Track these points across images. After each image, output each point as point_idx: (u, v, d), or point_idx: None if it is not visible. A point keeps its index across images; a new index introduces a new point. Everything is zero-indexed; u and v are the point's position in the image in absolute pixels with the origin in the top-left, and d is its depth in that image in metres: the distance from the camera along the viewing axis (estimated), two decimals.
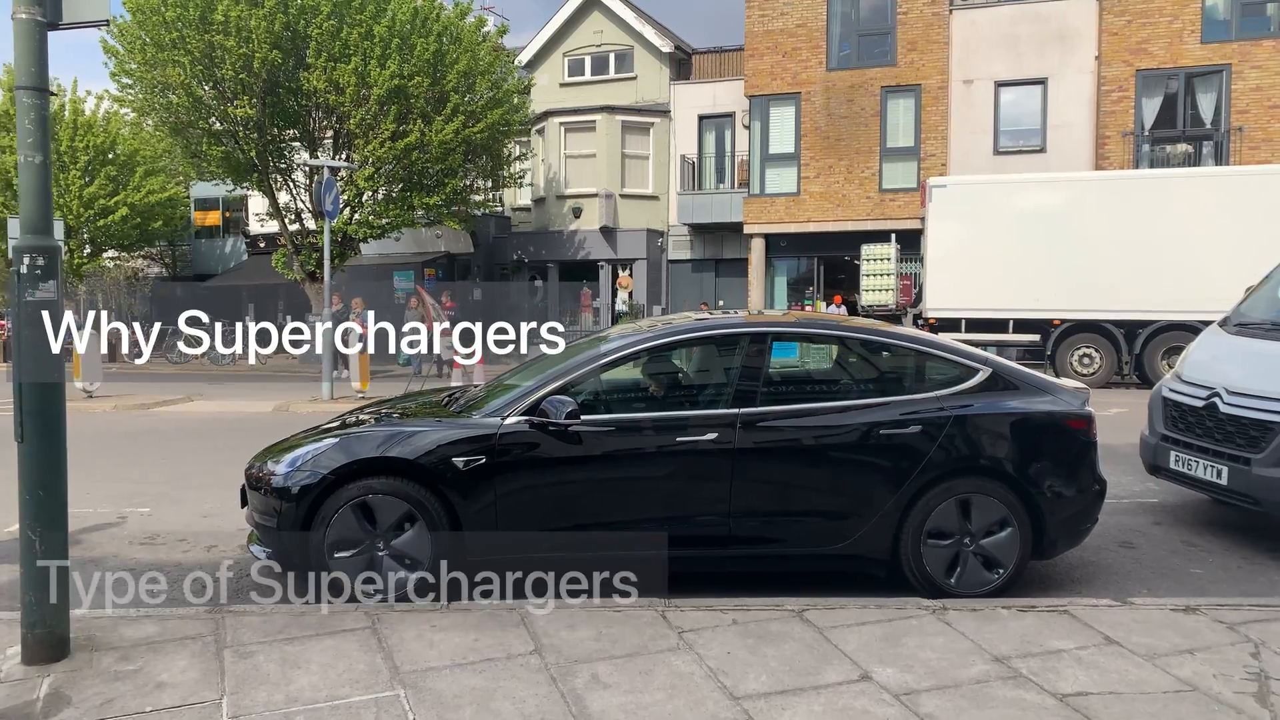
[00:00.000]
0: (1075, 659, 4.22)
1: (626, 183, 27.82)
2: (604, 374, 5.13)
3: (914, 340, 5.32)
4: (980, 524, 5.01)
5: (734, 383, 5.07)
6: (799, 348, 5.65)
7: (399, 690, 3.81)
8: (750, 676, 4.00)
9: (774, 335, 5.14)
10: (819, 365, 5.59)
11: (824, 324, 5.48)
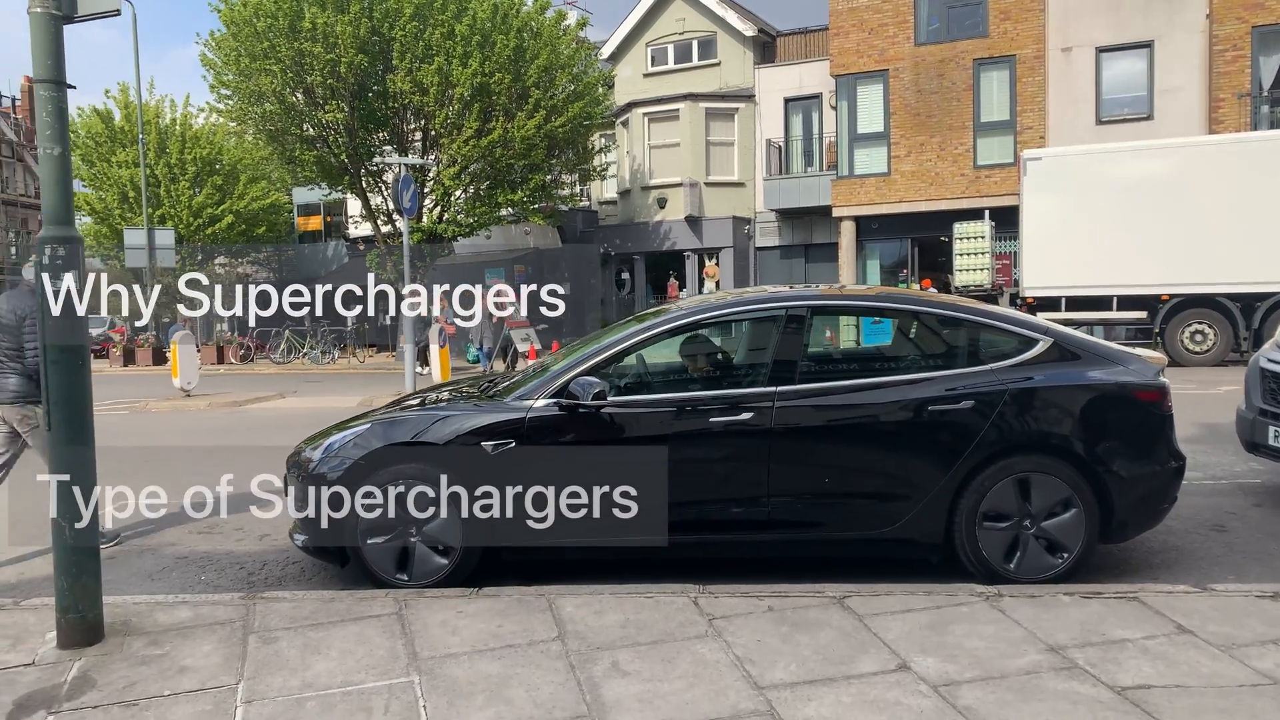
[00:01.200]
0: (1141, 649, 3.88)
1: (711, 171, 27.55)
2: (636, 354, 4.97)
3: (968, 311, 5.00)
4: (1041, 505, 4.67)
5: (771, 360, 4.85)
6: (869, 324, 5.38)
7: (414, 677, 3.74)
8: (779, 665, 3.79)
9: (814, 309, 4.89)
10: (865, 339, 5.31)
11: (869, 296, 5.20)
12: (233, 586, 5.16)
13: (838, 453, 4.73)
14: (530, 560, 4.98)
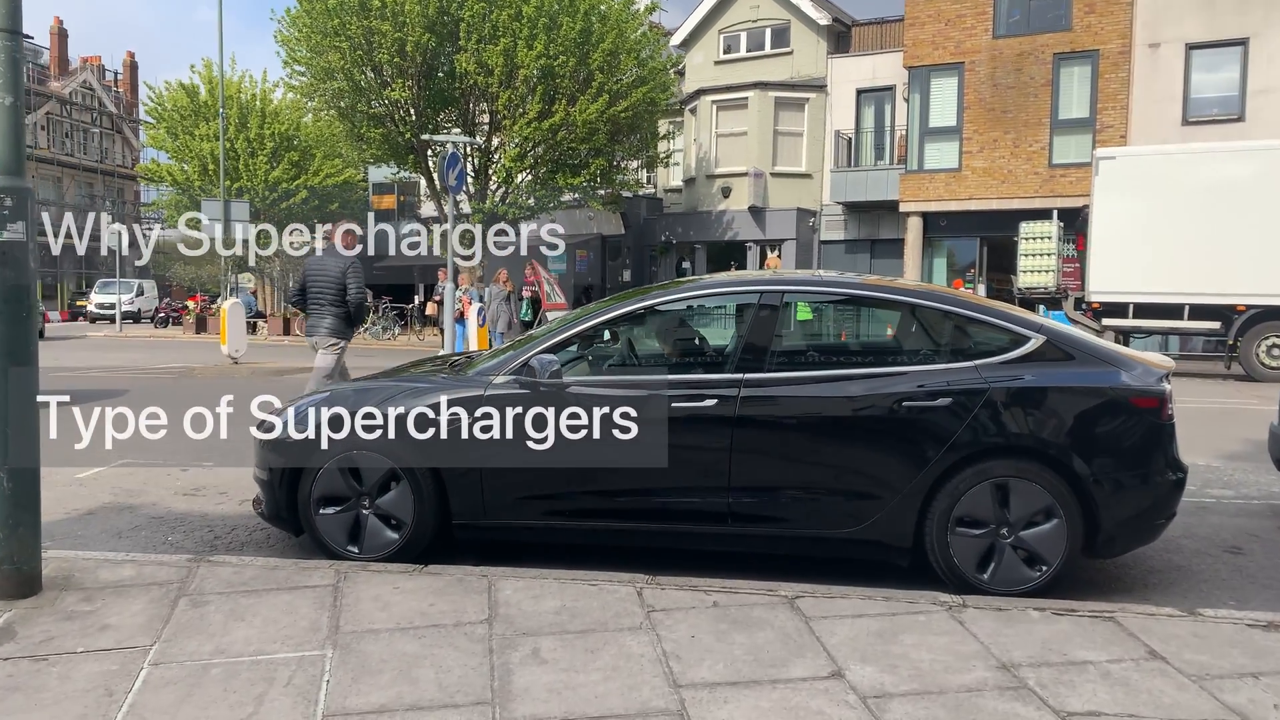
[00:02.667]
0: (1101, 673, 3.59)
1: (778, 161, 27.12)
2: (602, 333, 4.80)
3: (954, 302, 4.70)
4: (1020, 513, 4.37)
5: (741, 345, 4.63)
6: (853, 315, 5.12)
7: (328, 651, 3.65)
8: (705, 664, 3.60)
9: (788, 294, 4.66)
10: (841, 329, 5.04)
11: (846, 283, 4.93)
12: (194, 548, 5.16)
13: (803, 446, 4.50)
14: (492, 541, 4.86)
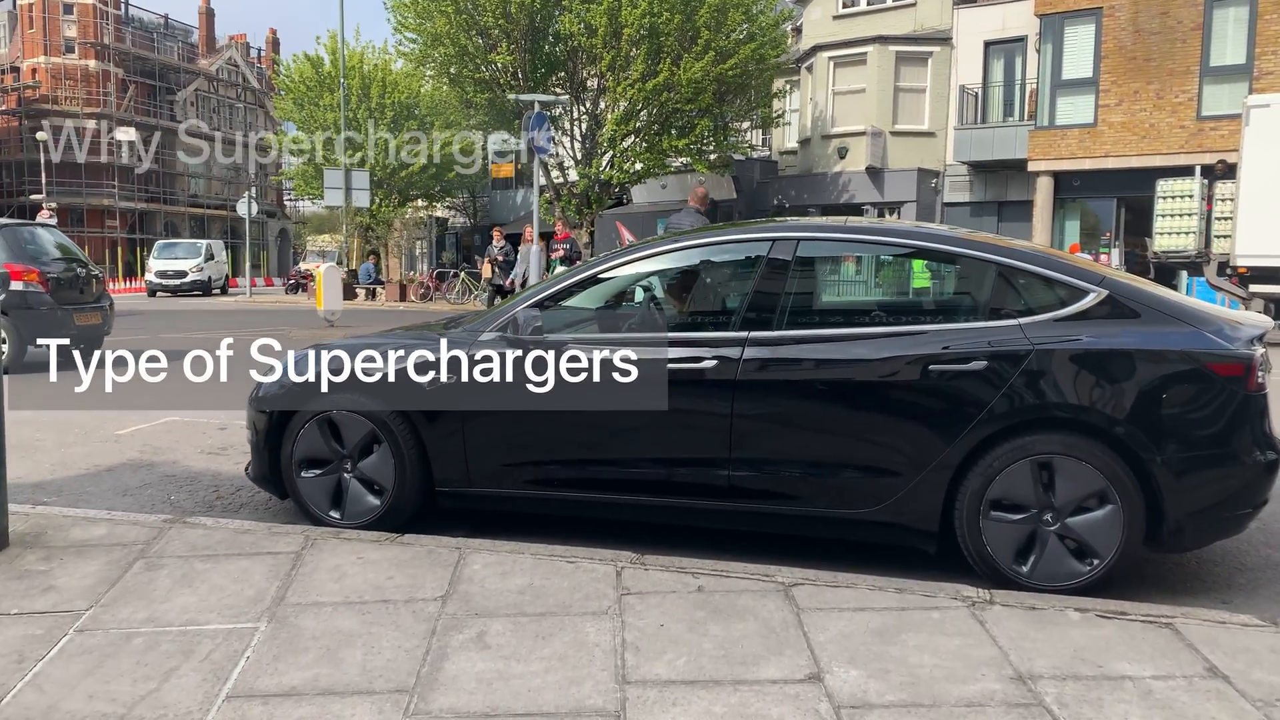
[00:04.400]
0: (1141, 692, 2.97)
1: (898, 119, 25.86)
2: (596, 288, 4.36)
3: (996, 250, 4.04)
4: (1068, 497, 3.73)
5: (747, 300, 4.11)
6: (880, 266, 4.53)
7: (261, 624, 3.39)
8: (664, 658, 3.17)
9: (803, 242, 4.10)
10: (867, 283, 4.43)
11: (869, 229, 4.30)
12: (191, 508, 5.02)
13: (814, 414, 3.97)
14: (485, 512, 4.52)
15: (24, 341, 9.58)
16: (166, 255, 35.34)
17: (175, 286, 33.66)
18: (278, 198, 64.02)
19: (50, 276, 9.89)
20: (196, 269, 34.53)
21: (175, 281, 33.77)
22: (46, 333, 9.62)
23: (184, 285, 33.89)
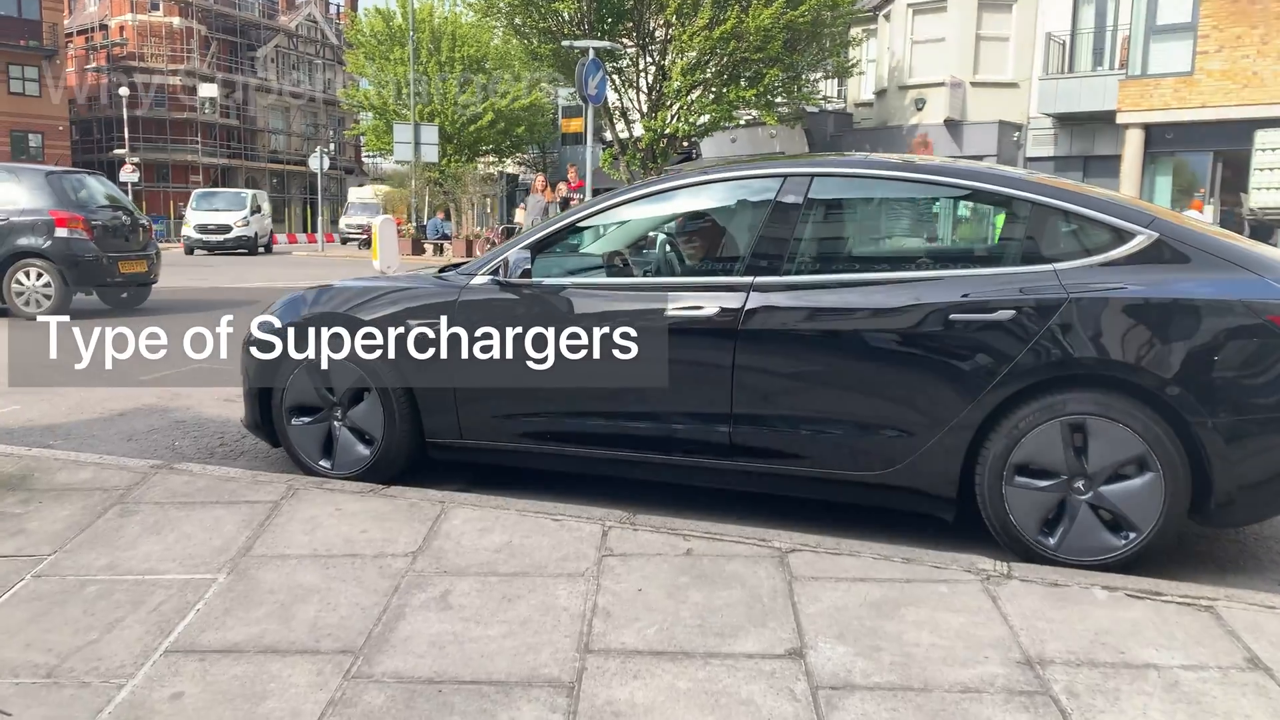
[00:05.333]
0: (1166, 683, 2.62)
1: (979, 69, 24.75)
2: (594, 230, 4.07)
3: (1035, 189, 3.61)
4: (1102, 462, 3.35)
5: (754, 243, 3.78)
6: (906, 207, 4.13)
7: (220, 575, 3.23)
8: (634, 626, 2.92)
9: (817, 178, 3.74)
10: (888, 225, 4.03)
11: (890, 165, 3.88)
12: (192, 454, 4.92)
13: (822, 367, 3.63)
14: (482, 465, 4.31)
15: (69, 289, 9.70)
16: (206, 206, 30.49)
17: (217, 243, 29.55)
18: (356, 154, 64.73)
19: (96, 224, 9.98)
20: (241, 222, 29.78)
21: (217, 237, 29.51)
22: (91, 280, 9.76)
23: (227, 242, 29.54)
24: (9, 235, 9.62)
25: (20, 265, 9.62)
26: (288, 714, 2.47)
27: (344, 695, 2.56)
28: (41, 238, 9.62)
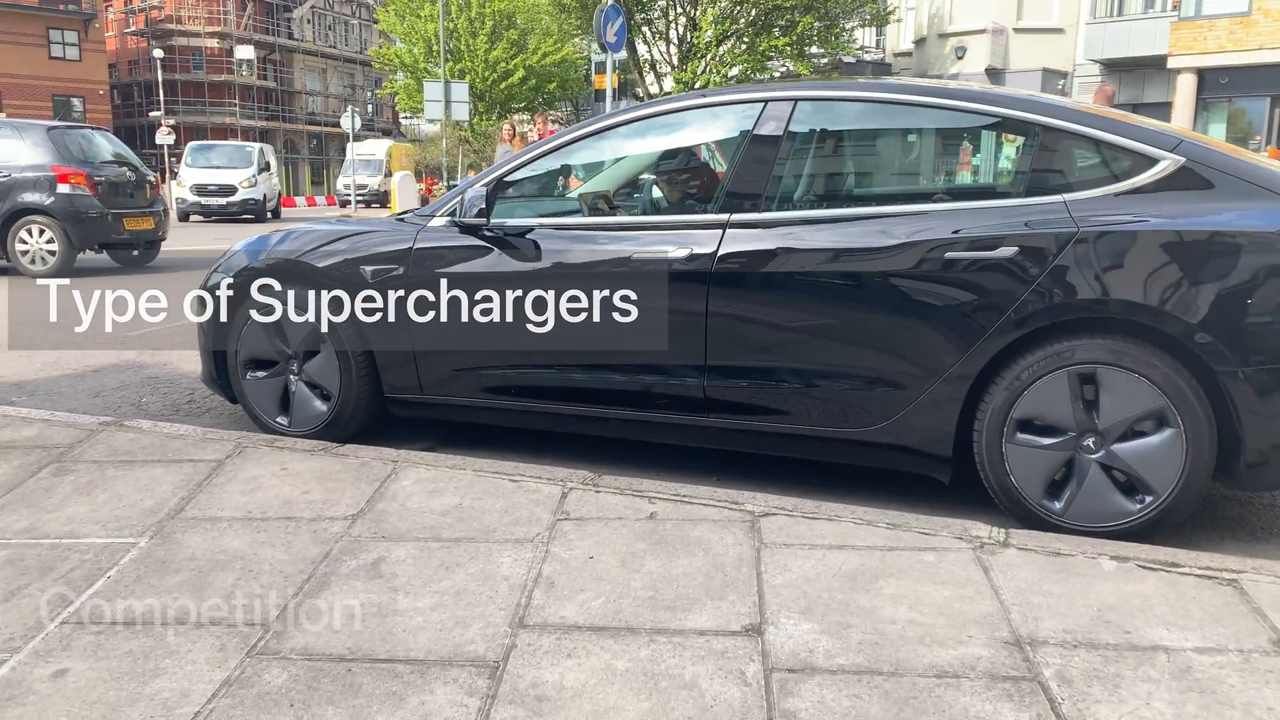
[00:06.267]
0: (1176, 669, 2.28)
1: (1023, 14, 23.82)
2: (559, 166, 3.73)
3: (1044, 110, 3.20)
4: (1116, 417, 2.98)
5: (730, 177, 3.42)
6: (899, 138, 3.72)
7: (143, 540, 2.99)
8: (578, 598, 2.63)
9: (801, 103, 3.36)
10: (879, 156, 3.64)
11: (883, 88, 3.46)
12: (157, 411, 4.71)
13: (802, 313, 3.28)
14: (443, 422, 4.04)
15: (73, 247, 9.56)
16: (204, 163, 24.44)
17: (219, 208, 23.68)
18: (394, 116, 64.50)
19: (99, 180, 9.82)
20: (248, 182, 23.92)
21: (219, 200, 23.67)
22: (95, 238, 9.60)
23: (231, 206, 23.58)
24: (11, 191, 9.50)
25: (24, 222, 9.51)
26: (175, 696, 2.22)
27: (242, 674, 2.30)
28: (44, 194, 9.48)
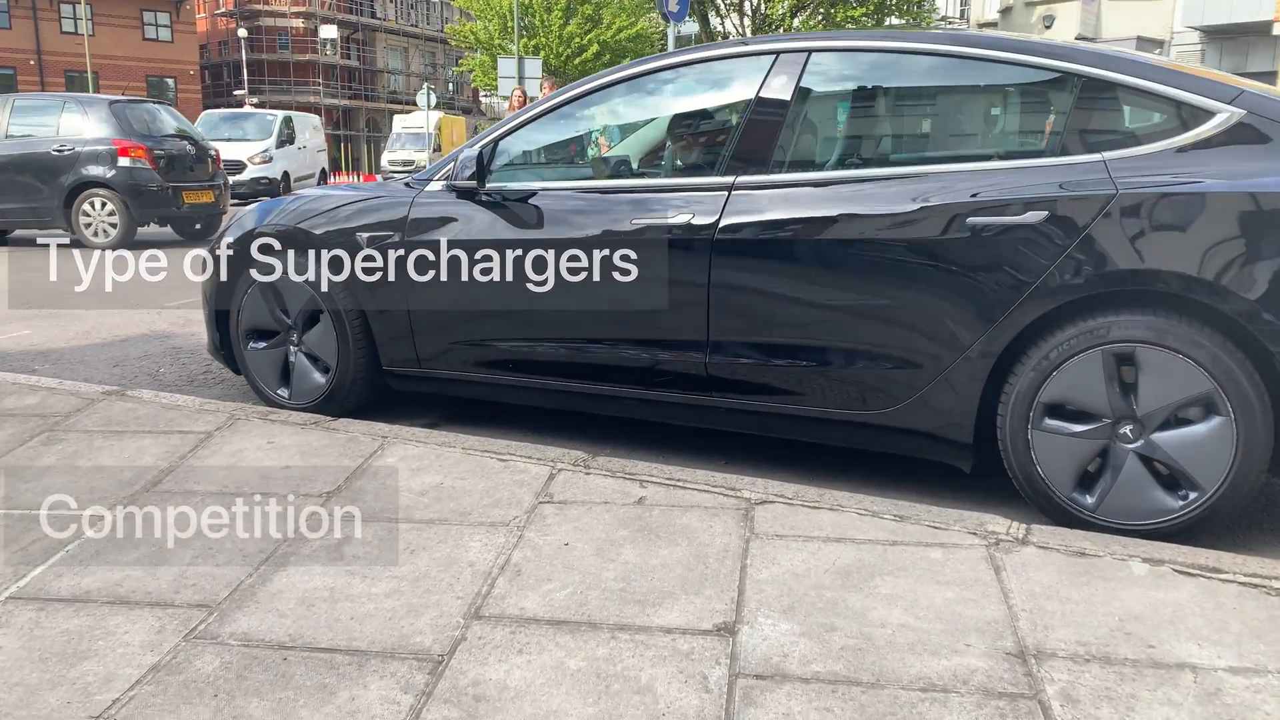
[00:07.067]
0: (1201, 692, 1.99)
1: None
2: (561, 125, 3.51)
3: (1084, 59, 2.86)
4: (1156, 402, 2.65)
5: (737, 137, 3.16)
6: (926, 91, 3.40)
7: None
8: (543, 588, 2.44)
9: (816, 54, 3.08)
10: (900, 112, 3.31)
11: (906, 38, 3.12)
12: (174, 383, 4.66)
13: (811, 284, 3.01)
14: (445, 397, 3.88)
15: (133, 220, 9.71)
16: (214, 135, 18.42)
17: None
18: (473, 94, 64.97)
19: (159, 154, 9.95)
20: (260, 158, 20.00)
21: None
22: (155, 210, 9.73)
23: (239, 187, 18.36)
24: (75, 165, 9.69)
25: (87, 195, 9.70)
26: (99, 681, 2.10)
27: (174, 660, 2.17)
28: (105, 167, 9.65)
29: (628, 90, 3.45)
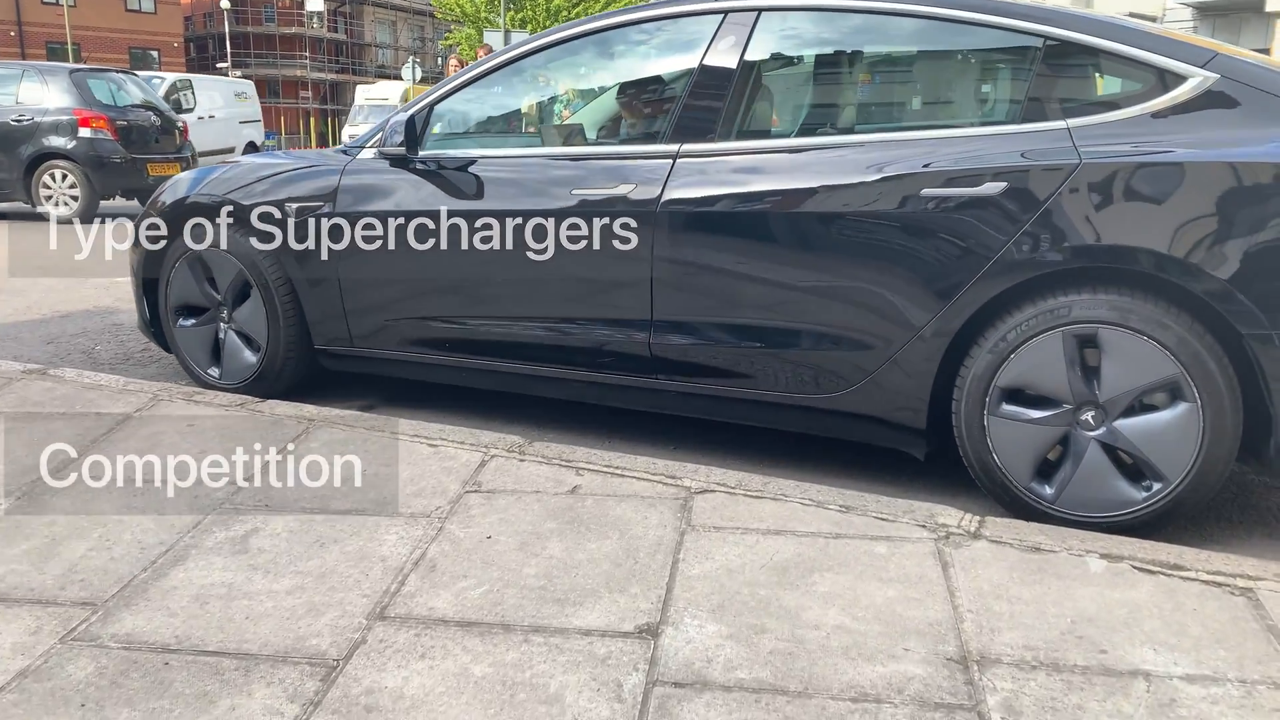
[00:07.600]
0: (1156, 702, 1.83)
1: None
2: (496, 89, 3.31)
3: (1050, 20, 2.67)
4: (1119, 387, 2.49)
5: (681, 102, 2.96)
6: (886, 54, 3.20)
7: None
8: (456, 586, 2.27)
9: (766, 11, 2.88)
10: (854, 76, 3.12)
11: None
12: (109, 361, 4.46)
13: (757, 260, 2.83)
14: (377, 377, 3.69)
15: (95, 192, 9.45)
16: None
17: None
18: (461, 67, 64.24)
19: (121, 125, 9.67)
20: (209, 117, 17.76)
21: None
22: (118, 183, 9.48)
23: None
24: (35, 135, 9.41)
25: (47, 167, 9.43)
26: None
27: (45, 664, 1.99)
28: (66, 138, 9.38)
29: (568, 52, 3.25)
